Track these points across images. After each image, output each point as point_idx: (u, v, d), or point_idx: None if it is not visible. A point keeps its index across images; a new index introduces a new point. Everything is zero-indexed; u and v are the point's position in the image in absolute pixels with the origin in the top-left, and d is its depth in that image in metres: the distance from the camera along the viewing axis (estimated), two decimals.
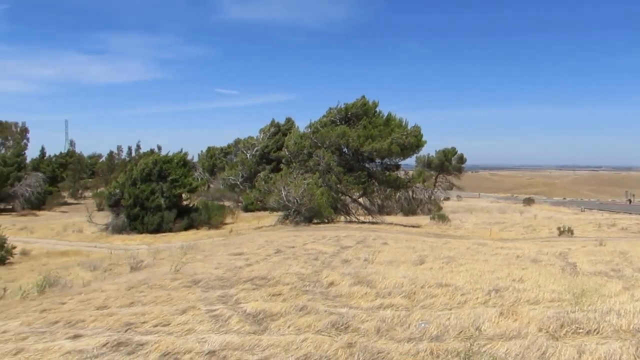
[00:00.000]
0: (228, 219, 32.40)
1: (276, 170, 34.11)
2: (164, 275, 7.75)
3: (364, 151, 25.56)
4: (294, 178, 23.98)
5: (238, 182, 41.52)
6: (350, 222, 25.08)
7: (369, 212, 27.80)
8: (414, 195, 30.81)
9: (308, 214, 22.71)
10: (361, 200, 28.14)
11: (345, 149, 26.43)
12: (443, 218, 30.14)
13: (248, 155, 44.44)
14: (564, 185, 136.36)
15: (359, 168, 26.51)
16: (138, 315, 5.08)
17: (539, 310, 4.97)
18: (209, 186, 45.80)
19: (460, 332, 4.26)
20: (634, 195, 73.52)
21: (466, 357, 3.63)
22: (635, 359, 3.52)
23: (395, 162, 27.51)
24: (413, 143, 25.79)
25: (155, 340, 4.20)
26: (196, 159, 56.80)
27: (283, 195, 23.02)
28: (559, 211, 47.73)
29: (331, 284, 6.68)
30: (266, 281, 6.95)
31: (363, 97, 27.11)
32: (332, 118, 26.98)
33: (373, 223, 25.08)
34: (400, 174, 28.36)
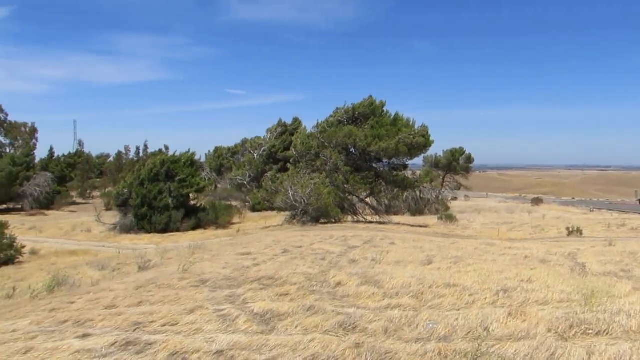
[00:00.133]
0: (235, 219, 32.45)
1: (283, 170, 34.10)
2: (172, 275, 7.78)
3: (371, 151, 25.49)
4: (301, 178, 23.97)
5: (245, 182, 41.63)
6: (358, 222, 25.03)
7: (377, 212, 27.74)
8: (421, 195, 30.68)
9: (315, 214, 22.70)
10: (368, 200, 28.09)
11: (352, 149, 26.39)
12: (451, 218, 29.97)
13: (255, 155, 44.56)
14: (573, 185, 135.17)
15: (366, 168, 26.45)
16: (146, 314, 5.10)
17: (548, 310, 4.93)
18: (217, 186, 45.91)
19: (469, 332, 4.24)
20: None
21: (474, 357, 3.61)
22: None
23: (403, 162, 27.43)
24: (421, 143, 25.70)
25: (163, 339, 4.22)
26: (203, 159, 57.12)
27: (290, 195, 23.02)
28: (567, 211, 47.35)
29: (339, 284, 6.67)
30: (273, 281, 6.95)
31: (370, 96, 27.08)
32: (340, 118, 26.95)
33: (380, 223, 25.02)
34: (408, 173, 28.28)
